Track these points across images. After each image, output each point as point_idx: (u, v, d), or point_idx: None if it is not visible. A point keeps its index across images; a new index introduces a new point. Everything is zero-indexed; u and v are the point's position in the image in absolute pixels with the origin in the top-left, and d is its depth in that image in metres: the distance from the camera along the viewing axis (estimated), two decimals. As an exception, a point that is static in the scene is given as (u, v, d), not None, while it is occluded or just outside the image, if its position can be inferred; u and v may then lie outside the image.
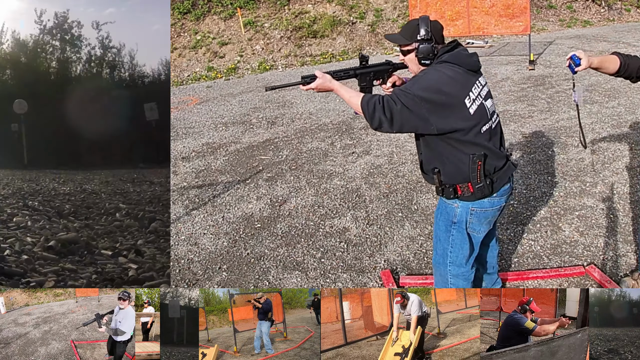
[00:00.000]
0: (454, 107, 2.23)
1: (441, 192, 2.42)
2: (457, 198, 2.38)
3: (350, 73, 2.51)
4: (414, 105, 2.18)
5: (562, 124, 6.05)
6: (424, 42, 2.32)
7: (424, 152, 2.44)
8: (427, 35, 2.31)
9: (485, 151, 2.32)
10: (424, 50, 2.32)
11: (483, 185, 2.33)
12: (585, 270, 3.24)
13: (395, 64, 2.58)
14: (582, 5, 16.11)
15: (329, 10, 14.78)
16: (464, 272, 2.55)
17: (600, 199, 4.17)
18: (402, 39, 2.38)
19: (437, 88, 2.21)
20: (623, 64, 2.51)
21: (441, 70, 2.27)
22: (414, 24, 2.36)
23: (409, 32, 2.36)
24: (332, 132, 6.75)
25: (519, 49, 11.71)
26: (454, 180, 2.35)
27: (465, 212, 2.42)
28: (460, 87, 2.26)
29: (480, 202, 2.39)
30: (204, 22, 14.63)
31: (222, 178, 5.65)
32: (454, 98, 2.23)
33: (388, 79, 2.58)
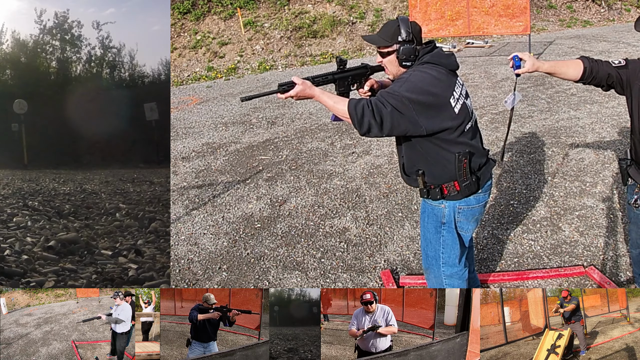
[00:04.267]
0: (441, 107, 2.23)
1: (426, 194, 2.41)
2: (444, 198, 2.39)
3: (329, 78, 2.45)
4: (404, 107, 2.15)
5: (562, 124, 6.05)
6: (405, 44, 2.27)
7: (407, 154, 2.43)
8: (409, 37, 2.27)
9: (469, 149, 2.34)
10: (406, 51, 2.27)
11: (470, 183, 2.35)
12: (585, 271, 3.24)
13: (372, 67, 2.54)
14: (582, 5, 16.11)
15: (329, 10, 14.78)
16: (457, 272, 2.56)
17: (600, 199, 4.17)
18: (382, 41, 2.31)
19: (424, 89, 2.19)
20: (588, 70, 2.39)
21: (426, 71, 2.25)
22: (393, 25, 2.30)
23: (388, 33, 2.29)
24: (332, 132, 6.75)
25: (519, 49, 11.70)
26: (440, 180, 2.35)
27: (452, 212, 2.42)
28: (446, 87, 2.26)
29: (466, 200, 2.40)
30: (204, 22, 14.63)
31: (222, 178, 5.65)
32: (441, 98, 2.23)
33: (365, 82, 2.54)
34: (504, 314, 2.72)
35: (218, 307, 2.47)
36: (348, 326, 2.43)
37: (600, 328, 2.86)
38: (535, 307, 2.80)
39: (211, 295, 2.50)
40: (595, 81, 2.42)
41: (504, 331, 2.70)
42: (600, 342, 2.73)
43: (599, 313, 2.92)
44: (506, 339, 2.69)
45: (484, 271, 3.39)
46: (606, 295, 2.89)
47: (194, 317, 2.45)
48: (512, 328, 2.74)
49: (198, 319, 2.44)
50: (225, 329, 2.53)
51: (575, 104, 6.77)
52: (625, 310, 2.89)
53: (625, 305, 2.90)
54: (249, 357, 2.42)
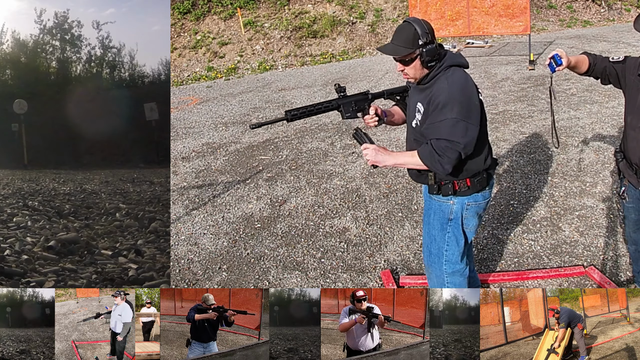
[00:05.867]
0: (480, 107, 2.29)
1: (437, 190, 2.42)
2: (454, 194, 2.40)
3: (333, 104, 2.47)
4: (467, 131, 2.19)
5: (562, 124, 6.05)
6: (427, 45, 2.22)
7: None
8: (428, 38, 2.22)
9: (486, 145, 2.40)
10: (429, 53, 2.22)
11: (481, 178, 2.39)
12: (585, 271, 3.24)
13: (373, 94, 2.56)
14: (582, 5, 16.11)
15: (329, 10, 14.78)
16: (459, 269, 2.57)
17: (600, 199, 4.17)
18: (404, 49, 2.22)
19: (468, 100, 2.22)
20: (592, 64, 2.57)
21: (455, 77, 2.25)
22: (410, 30, 2.23)
23: (407, 39, 2.21)
24: (332, 132, 6.75)
25: (519, 49, 11.71)
26: (454, 176, 2.37)
27: (460, 208, 2.44)
28: (475, 88, 2.30)
29: (474, 197, 2.43)
30: (204, 22, 14.63)
31: (222, 178, 5.65)
32: (477, 98, 2.29)
33: (369, 108, 2.54)
34: (504, 314, 2.75)
35: (215, 308, 2.47)
36: (337, 324, 2.43)
37: (600, 328, 2.88)
38: (535, 307, 2.83)
39: (210, 296, 2.50)
40: (594, 74, 2.59)
41: (504, 331, 2.73)
42: (600, 342, 2.74)
43: (599, 313, 2.95)
44: (506, 339, 2.72)
45: (484, 271, 3.40)
46: (606, 296, 2.92)
47: (191, 317, 2.46)
48: (512, 328, 2.76)
49: (195, 319, 2.44)
50: (225, 329, 2.53)
51: (575, 104, 6.77)
52: (625, 311, 2.92)
53: (625, 305, 2.93)
54: (249, 357, 2.43)
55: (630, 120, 2.53)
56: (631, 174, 2.55)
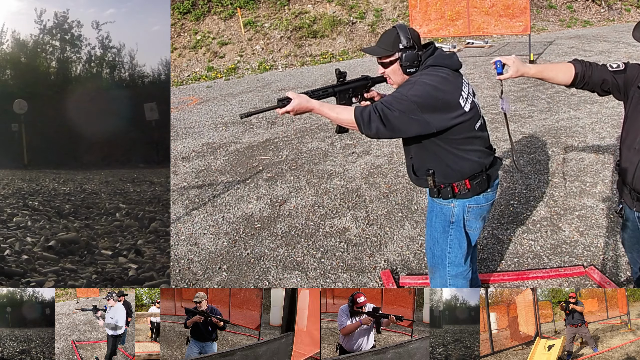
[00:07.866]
0: (451, 105, 2.22)
1: (437, 194, 2.41)
2: (455, 197, 2.39)
3: (329, 91, 2.44)
4: (411, 110, 2.14)
5: (562, 124, 6.05)
6: (407, 50, 2.25)
7: (417, 155, 2.42)
8: (409, 43, 2.25)
9: (480, 147, 2.36)
10: (408, 57, 2.25)
11: (480, 181, 2.36)
12: (585, 271, 3.24)
13: (373, 78, 2.52)
14: (582, 5, 16.12)
15: (329, 10, 14.78)
16: (462, 272, 2.56)
17: (600, 199, 4.17)
18: (383, 51, 2.29)
19: (433, 89, 2.18)
20: (580, 75, 2.25)
21: (432, 73, 2.25)
22: (392, 34, 2.28)
23: (388, 42, 2.27)
24: (332, 132, 6.75)
25: (519, 49, 11.71)
26: (451, 179, 2.36)
27: (462, 210, 2.42)
28: (454, 87, 2.25)
29: (476, 199, 2.40)
30: (204, 22, 14.63)
31: (222, 178, 5.65)
32: (450, 96, 2.22)
33: (367, 94, 2.53)
34: (489, 321, 2.60)
35: (202, 312, 2.47)
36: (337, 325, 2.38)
37: (598, 336, 2.75)
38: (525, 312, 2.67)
39: (200, 294, 2.50)
40: (588, 86, 2.28)
41: (490, 340, 2.58)
42: (598, 352, 2.58)
43: (597, 319, 2.80)
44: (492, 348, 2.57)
45: (484, 271, 3.39)
46: (604, 299, 2.77)
47: (184, 323, 2.48)
48: (499, 336, 2.60)
49: (187, 325, 2.45)
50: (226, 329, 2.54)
51: (575, 104, 6.78)
52: (625, 317, 2.77)
53: (626, 310, 2.78)
54: (249, 357, 2.43)
55: (625, 137, 2.27)
56: (626, 193, 2.36)
